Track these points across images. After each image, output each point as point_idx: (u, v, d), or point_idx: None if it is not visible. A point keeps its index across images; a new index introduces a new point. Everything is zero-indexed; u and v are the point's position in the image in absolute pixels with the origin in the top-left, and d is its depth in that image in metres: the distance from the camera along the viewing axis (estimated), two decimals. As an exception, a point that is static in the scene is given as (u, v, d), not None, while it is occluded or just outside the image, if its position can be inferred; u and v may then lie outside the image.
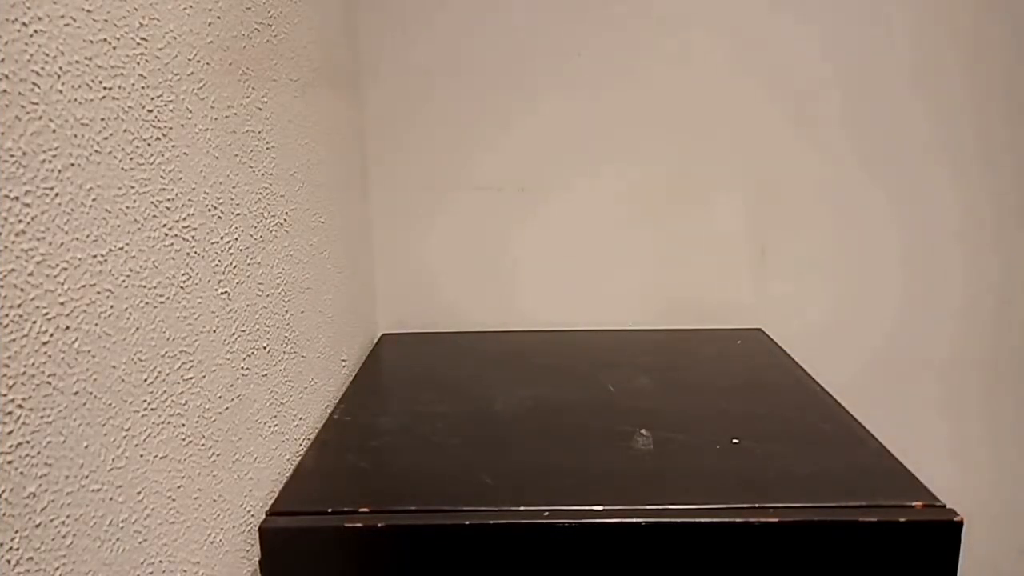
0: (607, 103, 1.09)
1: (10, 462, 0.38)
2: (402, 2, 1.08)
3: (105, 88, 0.46)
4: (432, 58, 1.09)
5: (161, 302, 0.52)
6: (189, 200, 0.56)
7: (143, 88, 0.50)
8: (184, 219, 0.55)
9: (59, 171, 0.41)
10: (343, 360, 0.97)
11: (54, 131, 0.41)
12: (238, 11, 0.65)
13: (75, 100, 0.43)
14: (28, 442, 0.39)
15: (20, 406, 0.38)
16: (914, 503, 0.64)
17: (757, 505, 0.63)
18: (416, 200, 1.13)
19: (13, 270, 0.38)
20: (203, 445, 0.58)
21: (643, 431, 0.77)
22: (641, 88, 1.09)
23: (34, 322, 0.39)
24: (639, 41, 1.08)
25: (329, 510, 0.65)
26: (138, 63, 0.49)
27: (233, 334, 0.63)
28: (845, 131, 1.10)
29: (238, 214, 0.64)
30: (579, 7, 1.07)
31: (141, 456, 0.49)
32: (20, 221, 0.38)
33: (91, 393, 0.44)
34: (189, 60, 0.56)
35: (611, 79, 1.09)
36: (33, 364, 0.39)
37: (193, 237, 0.56)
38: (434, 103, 1.10)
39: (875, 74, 1.08)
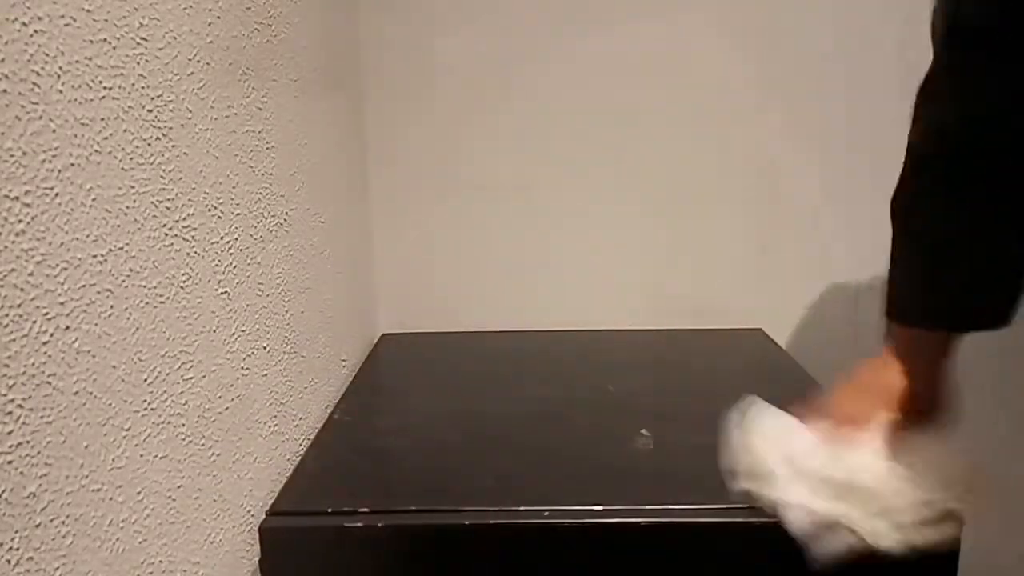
0: (607, 103, 1.09)
1: (10, 462, 0.38)
2: (402, 2, 1.08)
3: (105, 88, 0.46)
4: (432, 58, 1.09)
5: (161, 302, 0.52)
6: (189, 200, 0.56)
7: (143, 88, 0.50)
8: (184, 219, 0.55)
9: (59, 171, 0.41)
10: (343, 360, 0.97)
11: (54, 131, 0.41)
12: (238, 11, 0.65)
13: (75, 100, 0.43)
14: (28, 442, 0.39)
15: (20, 406, 0.38)
16: (914, 503, 0.63)
17: (757, 505, 0.63)
18: (416, 200, 1.13)
19: (13, 270, 0.38)
20: (203, 445, 0.58)
21: (643, 431, 0.77)
22: (641, 88, 1.09)
23: (34, 322, 0.39)
24: (639, 42, 1.08)
25: (329, 510, 0.65)
26: (138, 63, 0.49)
27: (233, 334, 0.63)
28: (847, 130, 1.10)
29: (238, 214, 0.64)
30: (579, 8, 1.07)
31: (141, 456, 0.49)
32: (20, 221, 0.38)
33: (91, 393, 0.44)
34: (189, 60, 0.56)
35: (611, 79, 1.09)
36: (33, 364, 0.39)
37: (193, 237, 0.56)
38: (434, 103, 1.10)
39: (880, 72, 1.08)
